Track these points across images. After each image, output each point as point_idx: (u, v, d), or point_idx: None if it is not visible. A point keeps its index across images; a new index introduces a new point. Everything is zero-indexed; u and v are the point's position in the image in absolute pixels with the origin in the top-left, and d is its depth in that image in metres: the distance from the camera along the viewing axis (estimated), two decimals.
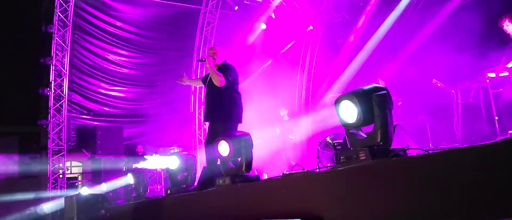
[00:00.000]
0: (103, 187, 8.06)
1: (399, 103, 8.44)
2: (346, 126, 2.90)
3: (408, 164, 2.46)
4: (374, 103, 2.73)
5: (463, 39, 8.05)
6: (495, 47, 6.22)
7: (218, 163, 4.40)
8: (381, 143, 2.69)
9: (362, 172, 2.67)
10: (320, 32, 12.35)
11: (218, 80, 5.15)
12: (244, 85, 11.10)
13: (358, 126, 2.84)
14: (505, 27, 5.96)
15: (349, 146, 2.93)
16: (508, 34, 5.98)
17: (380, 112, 2.71)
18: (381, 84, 8.54)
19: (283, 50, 11.66)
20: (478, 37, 7.11)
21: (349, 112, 2.84)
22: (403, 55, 11.46)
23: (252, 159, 4.00)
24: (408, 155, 2.74)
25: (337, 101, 2.92)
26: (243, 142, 3.98)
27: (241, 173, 3.97)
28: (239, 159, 4.01)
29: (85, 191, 8.08)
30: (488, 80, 5.99)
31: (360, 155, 2.73)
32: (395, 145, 2.82)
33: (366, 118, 2.75)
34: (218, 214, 3.95)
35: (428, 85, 7.73)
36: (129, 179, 6.48)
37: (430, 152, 2.53)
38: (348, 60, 10.89)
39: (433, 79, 7.16)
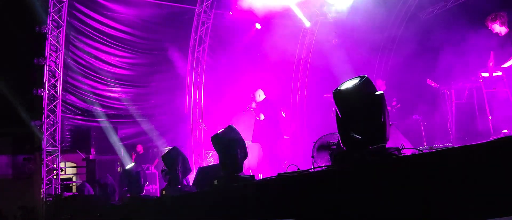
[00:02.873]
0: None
1: (393, 103, 8.47)
2: (339, 92, 2.89)
3: (403, 164, 2.47)
4: (375, 101, 2.74)
5: (456, 39, 8.11)
6: (485, 46, 6.28)
7: None
8: (377, 143, 2.70)
9: (357, 172, 2.67)
10: (315, 32, 12.37)
11: None
12: (239, 86, 11.11)
13: (355, 92, 2.82)
14: (490, 28, 6.03)
15: (341, 145, 2.94)
16: (497, 33, 6.04)
17: (381, 110, 2.73)
18: (380, 85, 8.61)
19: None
20: (470, 37, 7.17)
21: (350, 82, 2.85)
22: (398, 55, 11.51)
23: (239, 160, 4.00)
24: (402, 154, 2.75)
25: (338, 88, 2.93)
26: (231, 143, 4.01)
27: (233, 173, 3.97)
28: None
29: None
30: (481, 80, 6.03)
31: (355, 155, 2.74)
32: (389, 145, 2.83)
33: (365, 91, 2.77)
34: (214, 214, 3.94)
35: (422, 85, 7.77)
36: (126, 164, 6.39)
37: (424, 151, 2.54)
38: (343, 61, 10.92)
39: (428, 79, 7.20)
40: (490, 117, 5.91)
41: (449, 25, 9.39)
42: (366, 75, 2.84)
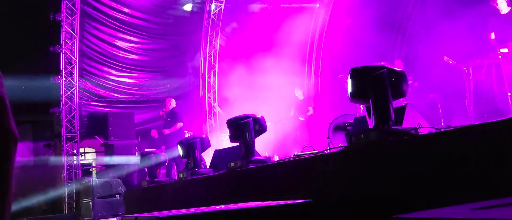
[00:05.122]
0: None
1: (409, 82, 8.36)
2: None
3: (420, 143, 2.45)
4: (368, 84, 2.76)
5: (473, 16, 7.92)
6: (504, 21, 6.12)
7: None
8: (378, 125, 2.70)
9: (373, 152, 2.67)
10: (328, 12, 12.22)
11: None
12: (255, 67, 11.09)
13: (352, 101, 3.02)
14: (498, 6, 5.85)
15: (370, 126, 2.93)
16: (498, 10, 5.88)
17: (373, 93, 2.74)
18: (398, 65, 8.53)
19: None
20: (489, 12, 6.98)
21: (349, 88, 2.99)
22: (414, 33, 11.32)
23: (250, 143, 4.01)
24: (419, 133, 2.72)
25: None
26: (240, 126, 4.01)
27: (246, 156, 3.99)
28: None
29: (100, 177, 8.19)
30: (500, 56, 5.90)
31: (371, 135, 2.73)
32: (406, 124, 2.81)
33: (357, 96, 2.93)
34: (230, 196, 3.99)
35: (439, 63, 7.64)
36: (138, 161, 6.54)
37: (442, 130, 2.52)
38: (357, 40, 10.78)
39: (445, 57, 7.07)
40: (509, 94, 5.80)
41: (466, 1, 9.16)
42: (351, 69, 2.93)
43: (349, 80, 2.90)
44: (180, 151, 5.20)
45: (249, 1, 11.56)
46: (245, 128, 4.01)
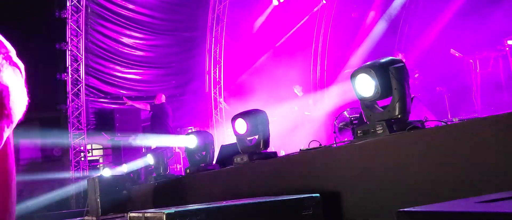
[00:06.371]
0: (124, 168, 8.22)
1: (416, 75, 8.32)
2: (363, 100, 2.87)
3: (426, 136, 2.44)
4: (392, 76, 2.68)
5: (479, 7, 7.86)
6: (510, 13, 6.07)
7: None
8: (399, 116, 2.67)
9: (379, 146, 2.66)
10: (333, 6, 12.16)
11: None
12: (259, 63, 11.10)
13: (375, 99, 2.80)
14: None
15: (365, 120, 2.91)
16: None
17: (398, 84, 2.66)
18: (400, 57, 8.46)
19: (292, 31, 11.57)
20: (495, 3, 6.93)
21: (366, 86, 2.78)
22: (420, 26, 11.24)
23: (269, 136, 4.02)
24: (426, 127, 2.72)
25: (353, 75, 2.87)
26: (259, 119, 3.99)
27: (258, 150, 3.99)
28: (256, 137, 4.03)
29: (107, 172, 8.26)
30: (507, 48, 5.86)
31: (377, 129, 2.72)
32: (413, 118, 2.80)
33: (383, 91, 2.71)
34: (237, 191, 4.00)
35: (445, 56, 7.59)
36: (149, 159, 6.59)
37: (449, 123, 2.51)
38: (363, 34, 10.73)
39: (451, 49, 7.03)
40: None
41: None
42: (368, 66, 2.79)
43: (368, 79, 2.73)
44: (191, 144, 5.17)
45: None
46: (265, 121, 4.01)
